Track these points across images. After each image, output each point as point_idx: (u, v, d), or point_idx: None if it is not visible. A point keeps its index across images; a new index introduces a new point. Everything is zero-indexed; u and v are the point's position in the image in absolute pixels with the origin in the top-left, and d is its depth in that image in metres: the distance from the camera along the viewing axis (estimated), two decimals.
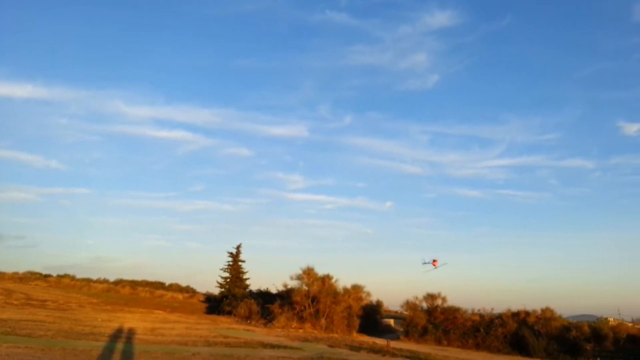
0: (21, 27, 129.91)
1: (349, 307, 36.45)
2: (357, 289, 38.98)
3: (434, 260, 41.74)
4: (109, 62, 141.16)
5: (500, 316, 37.22)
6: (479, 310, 38.96)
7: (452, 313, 37.78)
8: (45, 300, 39.09)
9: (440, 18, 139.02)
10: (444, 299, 38.97)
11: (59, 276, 69.18)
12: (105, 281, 72.87)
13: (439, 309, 38.43)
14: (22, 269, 72.74)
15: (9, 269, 73.41)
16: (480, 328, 36.22)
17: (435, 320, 37.69)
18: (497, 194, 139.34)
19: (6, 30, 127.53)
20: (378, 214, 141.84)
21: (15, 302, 35.75)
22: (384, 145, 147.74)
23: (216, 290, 54.96)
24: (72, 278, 68.33)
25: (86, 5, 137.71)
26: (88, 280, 69.07)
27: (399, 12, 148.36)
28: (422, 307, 39.42)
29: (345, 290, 38.01)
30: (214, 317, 41.92)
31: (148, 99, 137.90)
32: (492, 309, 39.00)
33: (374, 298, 46.23)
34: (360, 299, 39.01)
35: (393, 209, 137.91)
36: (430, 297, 39.24)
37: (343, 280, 41.38)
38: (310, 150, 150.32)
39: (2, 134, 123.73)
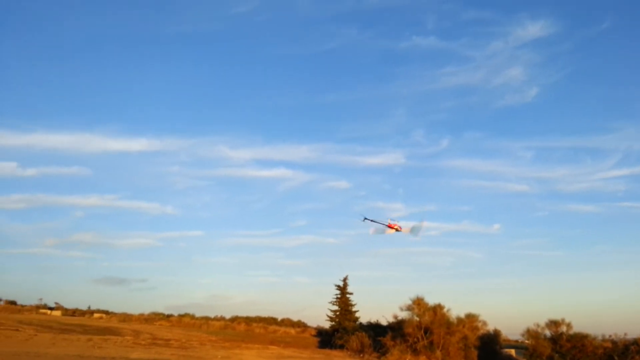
0: (131, 86, 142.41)
1: (465, 337, 34.94)
2: (471, 318, 37.31)
3: (391, 223, 31.49)
4: (209, 110, 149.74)
5: (635, 341, 33.62)
6: (610, 336, 35.47)
7: (580, 340, 34.74)
8: (169, 340, 41.41)
9: (533, 29, 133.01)
10: (569, 325, 35.96)
11: (180, 315, 73.17)
12: (222, 318, 76.08)
13: (564, 337, 35.51)
14: (146, 310, 77.94)
15: (135, 310, 79.00)
16: (614, 356, 32.94)
17: (561, 349, 34.87)
18: (617, 207, 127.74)
19: (119, 90, 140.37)
20: (485, 237, 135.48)
21: (143, 342, 38.21)
22: (485, 165, 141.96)
23: (327, 324, 55.17)
24: (192, 317, 71.91)
25: (181, 62, 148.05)
26: (206, 319, 72.42)
27: (488, 29, 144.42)
28: (545, 335, 36.63)
29: (459, 319, 36.54)
30: (327, 351, 41.98)
31: (248, 141, 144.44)
32: (625, 333, 35.30)
33: (490, 327, 43.79)
34: (476, 328, 37.27)
35: (501, 231, 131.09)
36: (554, 323, 36.38)
37: (455, 309, 39.64)
38: (409, 177, 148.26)
39: (122, 185, 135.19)
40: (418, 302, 36.21)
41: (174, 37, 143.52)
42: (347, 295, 53.15)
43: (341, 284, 53.44)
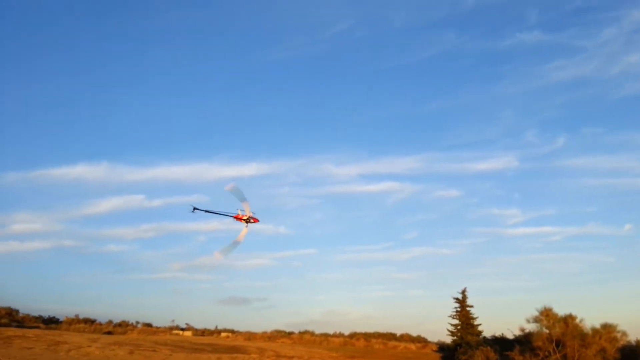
0: (241, 116, 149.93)
1: (603, 350, 32.18)
2: (608, 328, 34.26)
3: (241, 214, 24.74)
4: (314, 131, 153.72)
5: None
6: None
7: None
8: (292, 357, 42.47)
9: None
10: None
11: (300, 333, 74.81)
12: (341, 335, 76.65)
13: None
14: (269, 328, 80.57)
15: (258, 328, 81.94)
16: None
17: None
18: None
19: (230, 120, 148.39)
20: (616, 239, 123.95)
21: None
22: (609, 161, 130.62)
23: (448, 339, 53.39)
24: (312, 334, 73.21)
25: (286, 87, 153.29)
26: (326, 335, 73.38)
27: (597, 16, 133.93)
28: None
29: (595, 330, 33.74)
30: None
31: (353, 157, 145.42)
32: None
33: (631, 337, 39.83)
34: (615, 339, 34.14)
35: (634, 232, 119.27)
36: None
37: (588, 319, 36.52)
38: (524, 180, 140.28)
39: (237, 209, 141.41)
40: (546, 313, 34.02)
41: (278, 65, 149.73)
42: (467, 308, 51.16)
43: (460, 296, 51.62)
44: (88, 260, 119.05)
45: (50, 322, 60.96)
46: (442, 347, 59.31)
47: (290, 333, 75.15)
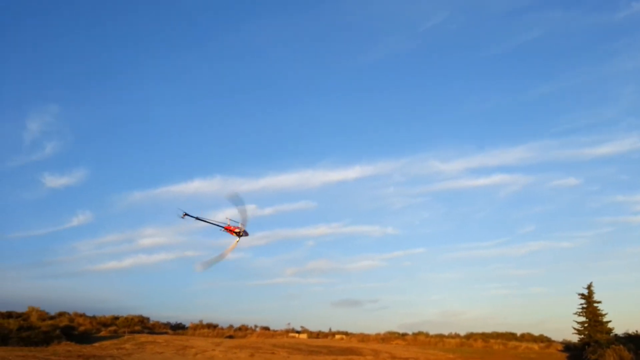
0: (342, 120, 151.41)
1: None
2: None
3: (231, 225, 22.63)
4: (416, 128, 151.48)
5: None
6: None
7: None
8: (407, 358, 42.05)
9: None
10: None
11: (414, 334, 73.74)
12: (457, 335, 74.48)
13: None
14: (382, 329, 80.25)
15: (371, 330, 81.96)
16: None
17: None
18: None
19: (333, 125, 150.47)
20: None
21: None
22: None
23: (574, 338, 50.09)
24: (426, 335, 71.90)
25: (381, 88, 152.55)
26: (441, 336, 71.72)
27: None
28: None
29: None
30: None
31: (459, 152, 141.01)
32: None
33: None
34: None
35: None
36: None
37: None
38: None
39: (345, 213, 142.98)
40: None
41: (374, 65, 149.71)
42: (595, 304, 47.65)
43: (585, 292, 48.24)
44: (208, 269, 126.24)
45: (178, 328, 65.31)
46: (567, 347, 55.84)
47: (404, 334, 74.40)
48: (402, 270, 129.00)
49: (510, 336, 75.50)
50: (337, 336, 71.75)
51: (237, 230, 22.61)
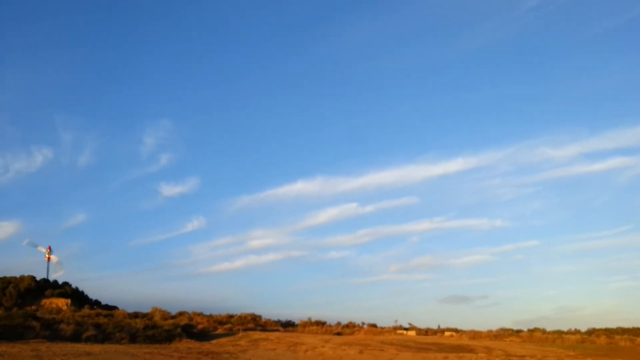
0: (436, 111, 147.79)
1: None
2: None
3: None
4: (523, 113, 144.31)
5: None
6: None
7: None
8: (523, 356, 40.09)
9: None
10: None
11: (530, 330, 70.12)
12: (577, 332, 69.88)
13: None
14: (493, 326, 77.29)
15: (482, 327, 79.30)
16: None
17: None
18: None
19: (434, 119, 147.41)
20: None
21: (497, 359, 37.97)
22: None
23: None
24: (543, 331, 68.14)
25: (482, 75, 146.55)
26: (559, 332, 67.59)
27: None
28: None
29: None
30: None
31: (571, 136, 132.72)
32: None
33: None
34: None
35: None
36: None
37: None
38: None
39: (448, 207, 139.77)
40: None
41: (474, 51, 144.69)
42: None
43: None
44: (314, 268, 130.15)
45: (288, 325, 67.22)
46: None
47: (519, 331, 70.98)
48: (514, 265, 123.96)
49: (638, 332, 69.54)
50: (447, 333, 70.08)
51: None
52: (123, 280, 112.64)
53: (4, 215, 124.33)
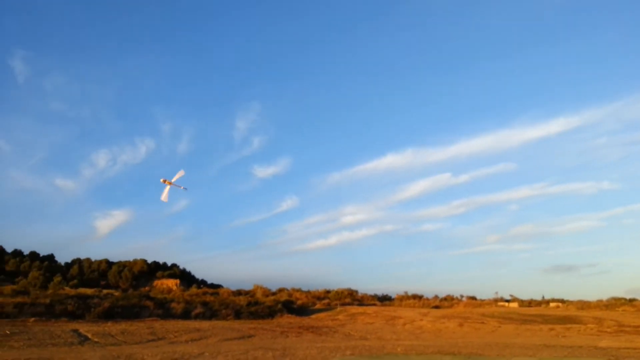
0: (530, 69, 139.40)
1: None
2: None
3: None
4: (628, 63, 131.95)
5: None
6: None
7: None
8: (638, 326, 37.55)
9: None
10: None
11: None
12: None
13: None
14: (604, 295, 72.97)
15: (591, 297, 75.15)
16: None
17: None
18: None
19: (522, 76, 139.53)
20: None
21: (609, 330, 35.80)
22: None
23: None
24: None
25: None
26: None
27: None
28: None
29: None
30: None
31: None
32: None
33: None
34: None
35: None
36: None
37: None
38: None
39: (549, 171, 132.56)
40: None
41: (564, 3, 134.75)
42: None
43: None
44: (408, 241, 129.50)
45: (384, 299, 67.65)
46: None
47: (632, 300, 66.42)
48: (625, 229, 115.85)
49: None
50: (552, 304, 67.17)
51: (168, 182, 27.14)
52: (225, 260, 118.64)
53: (117, 204, 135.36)
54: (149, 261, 70.86)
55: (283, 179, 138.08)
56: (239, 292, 55.70)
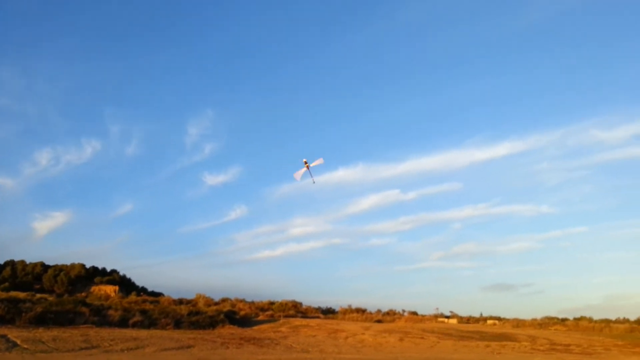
0: (480, 94, 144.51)
1: None
2: None
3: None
4: (573, 94, 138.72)
5: None
6: None
7: None
8: (568, 345, 39.19)
9: None
10: None
11: (576, 319, 68.60)
12: (626, 320, 67.74)
13: None
14: (538, 314, 75.81)
15: (526, 315, 77.97)
16: None
17: None
18: None
19: (472, 99, 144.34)
20: None
21: (541, 348, 37.22)
22: None
23: None
24: (590, 320, 66.52)
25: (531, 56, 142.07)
26: (607, 321, 65.80)
27: None
28: None
29: None
30: None
31: (624, 117, 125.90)
32: None
33: None
34: None
35: None
36: None
37: None
38: None
39: (493, 192, 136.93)
40: None
41: (515, 32, 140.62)
42: None
43: None
44: (355, 255, 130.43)
45: (328, 312, 67.76)
46: None
47: (564, 319, 69.49)
48: (560, 252, 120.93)
49: None
50: (489, 321, 69.24)
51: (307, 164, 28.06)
52: (169, 267, 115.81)
53: (57, 205, 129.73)
54: (88, 266, 68.31)
55: (233, 187, 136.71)
56: (180, 301, 54.48)
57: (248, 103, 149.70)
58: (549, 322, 66.42)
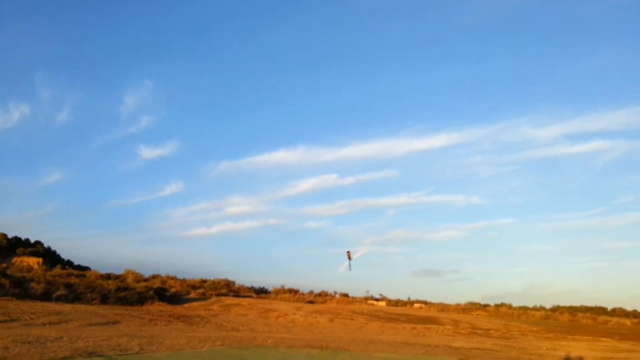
0: (420, 84, 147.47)
1: None
2: None
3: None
4: (509, 91, 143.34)
5: None
6: None
7: None
8: (488, 329, 41.30)
9: None
10: None
11: (497, 305, 72.19)
12: (542, 308, 72.29)
13: None
14: (462, 300, 79.30)
15: (451, 301, 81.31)
16: None
17: None
18: None
19: (421, 94, 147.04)
20: None
21: (463, 332, 39.02)
22: None
23: None
24: (509, 307, 70.20)
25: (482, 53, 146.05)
26: (525, 308, 69.83)
27: None
28: None
29: None
30: None
31: (554, 117, 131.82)
32: None
33: None
34: None
35: None
36: None
37: None
38: None
39: (428, 182, 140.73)
40: None
41: (461, 26, 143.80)
42: None
43: None
44: (291, 237, 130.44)
45: (261, 292, 67.79)
46: None
47: (486, 305, 73.00)
48: (487, 241, 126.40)
49: (600, 310, 72.16)
50: (416, 305, 71.65)
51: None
52: (98, 241, 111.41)
53: None
54: (9, 236, 64.90)
55: (170, 162, 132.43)
56: (108, 276, 52.81)
57: (190, 77, 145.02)
58: (471, 308, 69.61)
